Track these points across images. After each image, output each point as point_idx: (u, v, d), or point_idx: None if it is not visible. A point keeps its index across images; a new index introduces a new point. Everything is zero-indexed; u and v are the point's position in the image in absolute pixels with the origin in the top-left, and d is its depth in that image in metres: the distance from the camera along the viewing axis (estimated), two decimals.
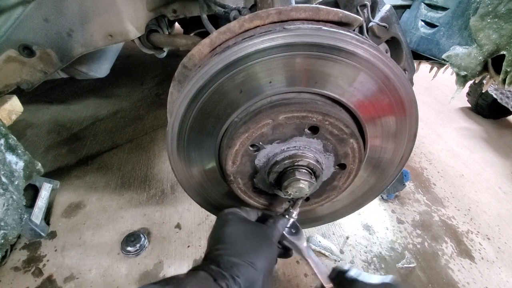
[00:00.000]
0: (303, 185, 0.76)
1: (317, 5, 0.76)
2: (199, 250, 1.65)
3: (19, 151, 1.00)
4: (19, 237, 1.69)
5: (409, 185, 2.06)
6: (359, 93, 0.76)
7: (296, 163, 0.77)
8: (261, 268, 0.62)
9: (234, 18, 1.01)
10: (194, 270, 0.61)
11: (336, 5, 1.14)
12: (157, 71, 3.64)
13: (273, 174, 0.80)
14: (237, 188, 0.84)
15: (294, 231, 0.80)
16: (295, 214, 0.80)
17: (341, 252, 1.62)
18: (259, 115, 0.73)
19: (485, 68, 1.20)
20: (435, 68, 1.60)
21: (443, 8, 1.34)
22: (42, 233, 1.57)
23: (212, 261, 0.62)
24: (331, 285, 0.77)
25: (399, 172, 0.96)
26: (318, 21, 0.77)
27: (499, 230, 1.78)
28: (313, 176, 0.79)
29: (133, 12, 1.19)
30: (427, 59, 1.51)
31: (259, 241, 0.68)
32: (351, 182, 0.87)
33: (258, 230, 0.72)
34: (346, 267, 0.78)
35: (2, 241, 0.90)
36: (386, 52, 1.16)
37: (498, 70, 1.15)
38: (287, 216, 0.80)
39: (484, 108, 2.76)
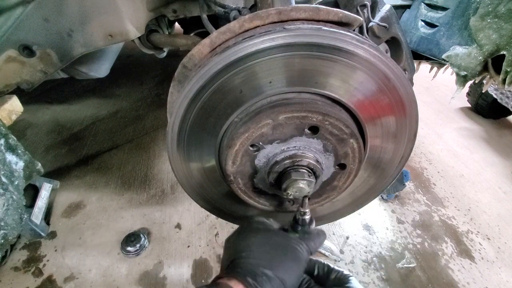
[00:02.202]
0: (303, 185, 0.76)
1: (317, 5, 0.76)
2: (199, 250, 1.65)
3: (19, 151, 1.00)
4: (19, 237, 1.69)
5: (409, 185, 2.06)
6: (359, 93, 0.76)
7: (296, 163, 0.77)
8: (290, 286, 0.58)
9: (234, 18, 1.01)
10: (220, 278, 0.57)
11: (336, 5, 1.14)
12: (157, 71, 3.64)
13: (273, 174, 0.79)
14: (237, 188, 0.84)
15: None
16: (308, 213, 0.80)
17: (341, 252, 1.62)
18: (259, 115, 0.73)
19: (485, 68, 1.20)
20: (435, 68, 1.60)
21: (443, 8, 1.34)
22: (42, 233, 1.57)
23: (246, 270, 0.57)
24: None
25: (399, 172, 0.96)
26: (318, 21, 0.76)
27: (499, 230, 1.78)
28: (313, 176, 0.79)
29: (133, 12, 1.19)
30: (427, 59, 1.51)
31: (290, 257, 0.62)
32: (351, 182, 0.87)
33: (289, 244, 0.66)
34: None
35: (2, 241, 0.90)
36: (386, 52, 1.16)
37: (498, 70, 1.15)
38: (300, 217, 0.79)
39: (484, 108, 2.76)
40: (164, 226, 1.77)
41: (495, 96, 2.47)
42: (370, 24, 1.05)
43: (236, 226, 1.82)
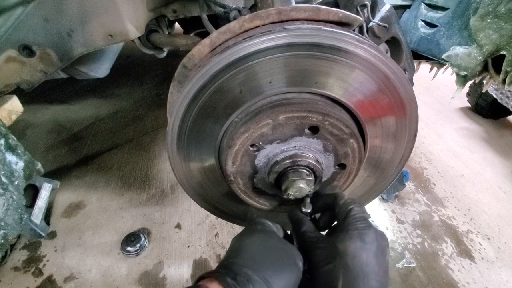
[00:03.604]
0: (302, 185, 0.76)
1: (317, 5, 0.76)
2: (199, 250, 1.65)
3: (19, 151, 1.00)
4: (19, 237, 1.69)
5: (409, 185, 2.06)
6: (359, 93, 0.76)
7: (296, 163, 0.77)
8: None
9: (234, 18, 1.01)
10: (203, 278, 0.56)
11: (336, 5, 1.14)
12: (157, 71, 3.64)
13: (273, 174, 0.79)
14: (237, 188, 0.84)
15: None
16: (310, 210, 0.80)
17: None
18: (259, 115, 0.73)
19: (485, 68, 1.20)
20: (435, 68, 1.60)
21: (443, 8, 1.34)
22: (42, 233, 1.58)
23: (229, 270, 0.56)
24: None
25: (399, 172, 0.96)
26: (318, 21, 0.76)
27: (499, 230, 1.78)
28: (312, 176, 0.79)
29: (133, 12, 1.19)
30: (427, 59, 1.50)
31: (283, 261, 0.60)
32: (351, 182, 0.87)
33: (285, 249, 0.64)
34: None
35: (2, 241, 0.90)
36: (386, 52, 1.16)
37: (498, 70, 1.15)
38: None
39: (484, 108, 2.76)
40: (164, 226, 1.77)
41: (495, 96, 2.47)
42: (370, 24, 1.05)
43: (236, 226, 1.82)
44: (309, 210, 0.79)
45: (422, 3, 1.46)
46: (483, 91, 2.13)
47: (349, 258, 0.58)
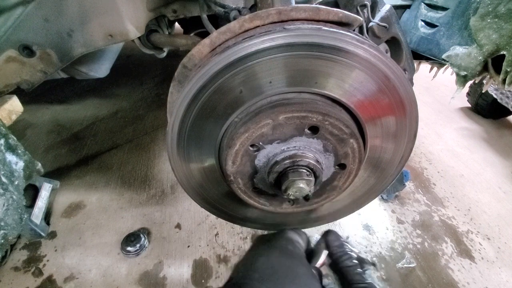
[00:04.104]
0: (302, 185, 0.76)
1: (317, 5, 0.76)
2: (199, 250, 1.65)
3: (19, 151, 1.00)
4: (19, 237, 1.69)
5: (409, 185, 2.06)
6: (359, 93, 0.76)
7: (296, 163, 0.77)
8: None
9: (234, 18, 1.01)
10: None
11: (336, 5, 1.14)
12: (157, 71, 3.64)
13: (273, 174, 0.79)
14: (237, 188, 0.84)
15: None
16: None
17: None
18: (259, 115, 0.73)
19: (485, 68, 1.20)
20: (435, 68, 1.60)
21: (443, 8, 1.34)
22: (42, 233, 1.57)
23: None
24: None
25: (399, 172, 0.96)
26: (318, 21, 0.76)
27: (499, 230, 1.78)
28: (312, 175, 0.79)
29: (133, 12, 1.20)
30: (427, 59, 1.50)
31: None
32: (351, 182, 0.87)
33: (309, 278, 0.66)
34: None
35: (2, 241, 0.90)
36: (386, 52, 1.16)
37: (498, 70, 1.15)
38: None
39: (484, 108, 2.76)
40: (164, 226, 1.77)
41: (495, 96, 2.47)
42: (370, 24, 1.05)
43: (236, 226, 1.81)
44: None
45: (422, 3, 1.46)
46: (483, 91, 2.13)
47: None
